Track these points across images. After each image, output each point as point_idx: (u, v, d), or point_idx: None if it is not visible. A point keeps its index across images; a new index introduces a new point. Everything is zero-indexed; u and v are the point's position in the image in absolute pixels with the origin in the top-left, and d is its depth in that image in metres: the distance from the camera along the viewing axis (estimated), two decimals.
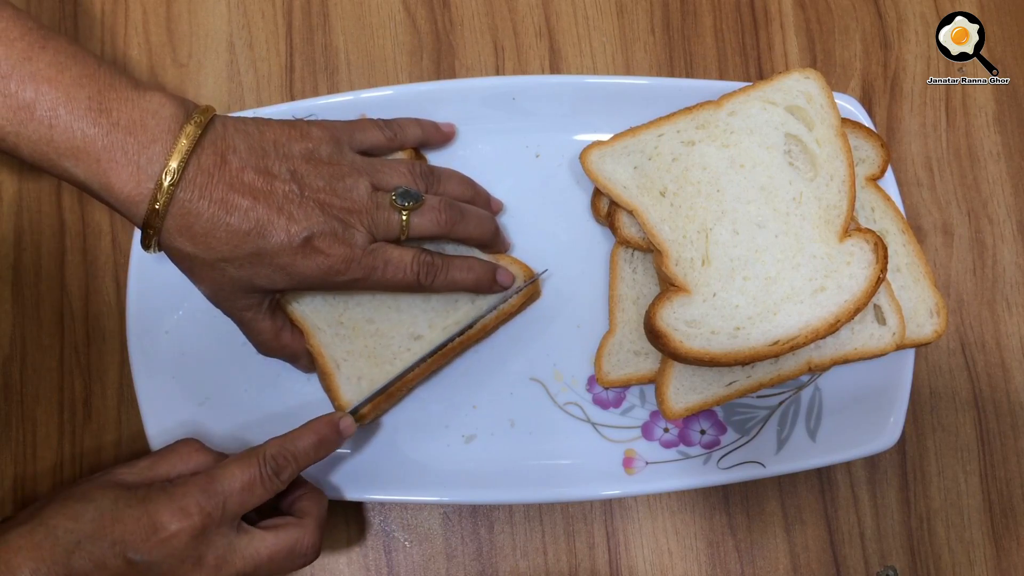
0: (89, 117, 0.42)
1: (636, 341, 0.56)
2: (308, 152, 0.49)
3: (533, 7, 0.65)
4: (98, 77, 0.43)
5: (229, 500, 0.45)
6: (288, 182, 0.47)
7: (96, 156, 0.42)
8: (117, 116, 0.43)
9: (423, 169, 0.53)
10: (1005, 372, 0.61)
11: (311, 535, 0.48)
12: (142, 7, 0.64)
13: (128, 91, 0.44)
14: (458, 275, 0.52)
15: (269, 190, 0.46)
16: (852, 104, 0.59)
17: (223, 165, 0.45)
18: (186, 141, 0.44)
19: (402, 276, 0.50)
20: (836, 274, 0.52)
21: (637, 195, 0.55)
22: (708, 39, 0.65)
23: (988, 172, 0.64)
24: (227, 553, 0.45)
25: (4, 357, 0.59)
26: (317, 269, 0.47)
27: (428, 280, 0.51)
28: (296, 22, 0.64)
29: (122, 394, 0.59)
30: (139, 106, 0.43)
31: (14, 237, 0.60)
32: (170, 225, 0.44)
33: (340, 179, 0.49)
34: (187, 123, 0.44)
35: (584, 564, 0.57)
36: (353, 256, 0.48)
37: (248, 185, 0.45)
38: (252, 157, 0.46)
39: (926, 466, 0.60)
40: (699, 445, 0.56)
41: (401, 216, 0.50)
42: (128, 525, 0.43)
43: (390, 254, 0.50)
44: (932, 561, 0.58)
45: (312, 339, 0.53)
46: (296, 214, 0.46)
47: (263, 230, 0.45)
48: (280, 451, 0.47)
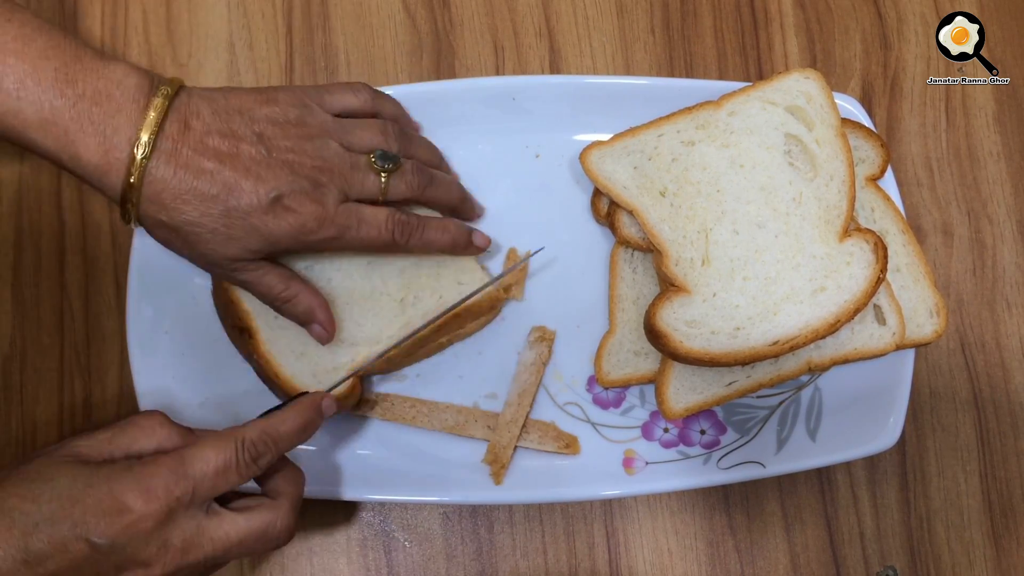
0: (56, 88, 0.42)
1: (636, 341, 0.56)
2: (275, 115, 0.48)
3: (533, 7, 0.65)
4: (64, 48, 0.43)
5: (200, 484, 0.42)
6: (255, 144, 0.47)
7: (64, 127, 0.43)
8: (83, 87, 0.43)
9: (397, 131, 0.53)
10: (1005, 372, 0.61)
11: (285, 518, 0.46)
12: (142, 7, 0.64)
13: (93, 62, 0.44)
14: (434, 235, 0.52)
15: (235, 152, 0.46)
16: (852, 104, 0.59)
17: (186, 131, 0.45)
18: (155, 113, 0.44)
19: (376, 234, 0.50)
20: (836, 274, 0.52)
21: (637, 195, 0.55)
22: (708, 39, 0.65)
23: (988, 172, 0.64)
24: (195, 536, 0.42)
25: (4, 357, 0.59)
26: (289, 228, 0.47)
27: (403, 239, 0.51)
28: (296, 22, 0.64)
29: (122, 394, 0.59)
30: (104, 76, 0.44)
31: (14, 237, 0.60)
32: (143, 196, 0.45)
33: (309, 139, 0.48)
34: (155, 95, 0.45)
35: (584, 564, 0.57)
36: (325, 214, 0.48)
37: (213, 149, 0.45)
38: (216, 121, 0.46)
39: (926, 466, 0.60)
40: (699, 445, 0.56)
41: (380, 178, 0.50)
42: (90, 506, 0.40)
43: (364, 212, 0.49)
44: (932, 561, 0.58)
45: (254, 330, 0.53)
46: (264, 175, 0.46)
47: (231, 192, 0.45)
48: (261, 436, 0.45)
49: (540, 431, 0.56)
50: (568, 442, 0.56)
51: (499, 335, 0.58)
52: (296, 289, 0.51)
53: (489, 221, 0.59)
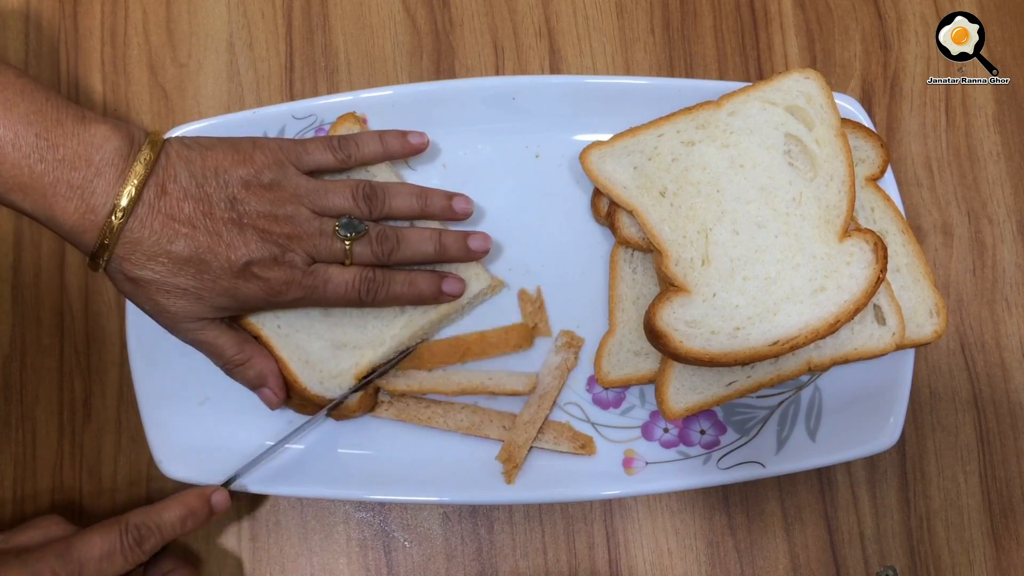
0: (36, 154, 0.43)
1: (636, 341, 0.56)
2: (250, 177, 0.49)
3: (533, 7, 0.65)
4: (45, 113, 0.44)
5: (86, 568, 0.44)
6: (227, 209, 0.48)
7: (42, 191, 0.44)
8: (63, 152, 0.44)
9: (367, 190, 0.53)
10: (1005, 372, 0.61)
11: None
12: (142, 7, 0.64)
13: (75, 126, 0.45)
14: (399, 289, 0.53)
15: (209, 216, 0.47)
16: (852, 104, 0.59)
17: (163, 195, 0.46)
18: (136, 180, 0.45)
19: (343, 292, 0.51)
20: (836, 274, 0.52)
21: (637, 195, 0.55)
22: (708, 39, 0.65)
23: (988, 172, 0.64)
24: None
25: (4, 357, 0.59)
26: (258, 291, 0.48)
27: (369, 297, 0.52)
28: (296, 22, 0.64)
29: (122, 394, 0.59)
30: (84, 141, 0.45)
31: (14, 237, 0.61)
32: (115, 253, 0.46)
33: (281, 205, 0.49)
34: (136, 161, 0.45)
35: (584, 564, 0.57)
36: (292, 278, 0.49)
37: (187, 215, 0.46)
38: (192, 185, 0.47)
39: (926, 466, 0.60)
40: (699, 445, 0.56)
41: (344, 245, 0.51)
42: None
43: (330, 273, 0.51)
44: (932, 561, 0.58)
45: (263, 338, 0.53)
46: (235, 241, 0.47)
47: (202, 257, 0.47)
48: (143, 521, 0.47)
49: (555, 431, 0.56)
50: (584, 442, 0.56)
51: None
52: (249, 353, 0.52)
53: (489, 221, 0.59)
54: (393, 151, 0.55)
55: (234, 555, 0.57)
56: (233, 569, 0.57)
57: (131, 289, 0.48)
